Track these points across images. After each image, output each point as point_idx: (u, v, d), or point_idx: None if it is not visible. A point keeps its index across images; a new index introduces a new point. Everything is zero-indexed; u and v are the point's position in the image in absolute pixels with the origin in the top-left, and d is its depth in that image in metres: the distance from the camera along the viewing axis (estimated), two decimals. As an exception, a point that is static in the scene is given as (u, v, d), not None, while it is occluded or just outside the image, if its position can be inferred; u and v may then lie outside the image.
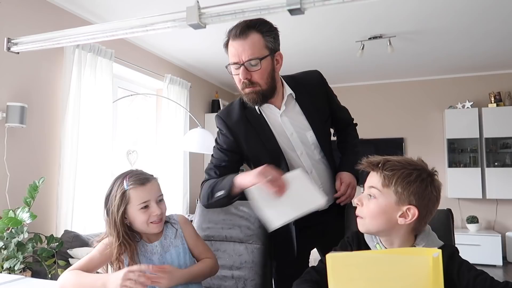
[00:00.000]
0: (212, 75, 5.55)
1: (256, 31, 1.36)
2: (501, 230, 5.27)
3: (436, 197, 1.01)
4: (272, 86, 1.43)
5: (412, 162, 1.02)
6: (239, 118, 1.51)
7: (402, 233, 1.02)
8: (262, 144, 1.47)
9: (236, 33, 1.36)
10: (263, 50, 1.37)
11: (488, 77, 5.43)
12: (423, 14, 3.49)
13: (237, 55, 1.36)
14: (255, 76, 1.37)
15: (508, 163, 5.21)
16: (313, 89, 1.54)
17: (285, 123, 1.48)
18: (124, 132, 4.32)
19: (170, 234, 1.34)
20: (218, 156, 1.55)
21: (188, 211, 4.76)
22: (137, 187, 1.25)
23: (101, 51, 3.44)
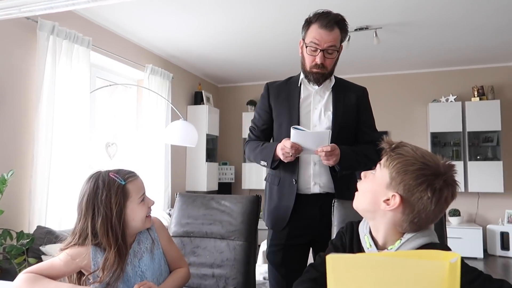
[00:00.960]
0: (195, 66, 5.42)
1: (338, 27, 1.61)
2: (482, 223, 5.33)
3: (430, 199, 0.90)
4: (332, 72, 1.71)
5: (428, 156, 0.94)
6: (281, 84, 1.80)
7: (386, 223, 0.97)
8: (287, 108, 1.70)
9: (325, 24, 1.58)
10: (338, 43, 1.63)
11: (471, 71, 5.46)
12: (410, 5, 3.44)
13: (320, 41, 1.59)
14: (327, 62, 1.63)
15: (490, 157, 5.26)
16: (351, 93, 1.74)
17: (315, 98, 1.72)
18: (103, 124, 4.16)
19: (144, 239, 1.24)
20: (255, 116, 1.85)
21: (169, 205, 4.65)
22: (134, 179, 1.20)
23: (78, 38, 3.29)
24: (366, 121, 1.76)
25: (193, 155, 5.46)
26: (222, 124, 6.25)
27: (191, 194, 1.59)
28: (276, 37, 4.17)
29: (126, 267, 1.15)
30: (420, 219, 0.93)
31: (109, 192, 1.15)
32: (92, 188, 1.16)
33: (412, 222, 0.94)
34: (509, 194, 5.18)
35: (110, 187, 1.15)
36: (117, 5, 3.40)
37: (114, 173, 1.19)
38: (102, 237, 1.13)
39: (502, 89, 5.34)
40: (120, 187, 1.16)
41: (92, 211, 1.15)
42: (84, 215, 1.16)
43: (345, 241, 1.11)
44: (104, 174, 1.19)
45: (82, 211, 1.17)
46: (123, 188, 1.16)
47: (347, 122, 1.69)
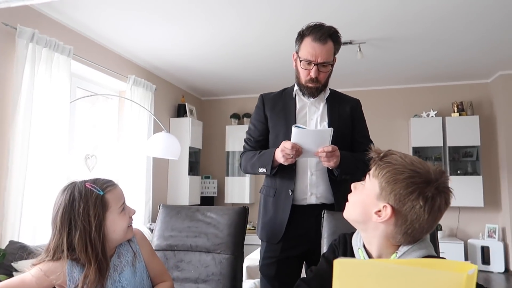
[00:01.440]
0: (179, 78, 5.37)
1: (331, 40, 1.60)
2: (463, 237, 5.38)
3: (422, 208, 0.86)
4: (326, 84, 1.71)
5: (417, 163, 0.90)
6: (276, 96, 1.80)
7: (379, 235, 0.93)
8: (283, 119, 1.70)
9: (319, 37, 1.57)
10: (331, 57, 1.62)
11: (451, 87, 5.58)
12: (393, 21, 3.50)
13: (314, 55, 1.59)
14: (321, 75, 1.63)
15: (470, 172, 5.34)
16: (345, 104, 1.76)
17: (311, 109, 1.73)
18: (83, 136, 4.05)
19: (124, 252, 1.17)
20: (250, 127, 1.82)
21: (150, 219, 4.52)
22: (113, 189, 1.14)
23: (59, 46, 3.20)
24: (361, 131, 1.77)
25: (175, 168, 5.37)
26: (205, 137, 6.18)
27: (175, 206, 1.52)
28: (262, 50, 4.17)
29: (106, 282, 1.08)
30: (414, 230, 0.89)
31: (86, 204, 1.07)
32: (68, 200, 1.09)
33: (406, 234, 0.90)
34: (488, 208, 5.26)
35: (87, 198, 1.08)
36: (100, 14, 3.34)
37: (90, 183, 1.12)
38: (81, 252, 1.06)
39: (481, 105, 5.47)
40: (98, 197, 1.09)
41: (68, 225, 1.07)
42: (59, 230, 1.08)
43: (337, 254, 1.07)
44: (80, 184, 1.12)
45: (57, 226, 1.09)
46: (101, 199, 1.09)
47: (343, 132, 1.69)
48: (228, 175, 6.05)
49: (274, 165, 1.61)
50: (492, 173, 5.30)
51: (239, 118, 6.17)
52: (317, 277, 1.03)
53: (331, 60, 1.61)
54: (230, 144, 6.04)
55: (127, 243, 1.19)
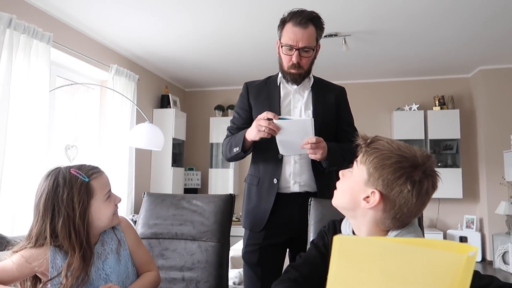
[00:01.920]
0: (162, 68, 5.29)
1: (313, 24, 1.57)
2: (443, 228, 5.50)
3: (410, 192, 0.86)
4: (310, 70, 1.68)
5: (404, 148, 0.90)
6: (260, 84, 1.78)
7: (368, 221, 0.93)
8: (267, 107, 1.64)
9: (299, 21, 1.55)
10: (313, 42, 1.59)
11: (433, 82, 5.67)
12: (378, 14, 3.51)
13: (295, 40, 1.56)
14: (303, 61, 1.60)
15: (450, 164, 5.45)
16: (330, 92, 1.73)
17: (295, 97, 1.70)
18: (64, 126, 3.95)
19: (108, 239, 1.15)
20: (234, 115, 1.79)
21: (132, 211, 4.46)
22: (98, 176, 1.11)
23: (38, 33, 3.10)
24: (346, 120, 1.75)
25: (158, 159, 5.31)
26: (189, 128, 6.13)
27: (159, 194, 1.49)
28: (246, 41, 4.13)
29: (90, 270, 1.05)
30: (403, 214, 0.89)
31: (71, 190, 1.04)
32: (52, 186, 1.05)
33: (394, 218, 0.90)
34: (467, 200, 5.39)
35: (72, 184, 1.05)
36: (82, 1, 3.25)
37: (75, 169, 1.09)
38: (64, 239, 1.03)
39: (461, 99, 5.57)
40: (83, 184, 1.06)
41: (51, 211, 1.04)
42: (42, 216, 1.05)
43: (327, 240, 1.06)
44: (64, 170, 1.08)
45: (39, 212, 1.05)
46: (86, 185, 1.06)
47: (327, 120, 1.67)
48: (212, 167, 6.02)
49: (246, 143, 1.58)
50: (471, 166, 5.43)
51: (223, 110, 6.13)
52: (307, 263, 1.03)
53: (313, 45, 1.59)
54: (214, 136, 6.00)
55: (112, 230, 1.16)
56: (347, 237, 0.59)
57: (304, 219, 1.49)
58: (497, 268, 4.77)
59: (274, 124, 1.42)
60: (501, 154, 4.86)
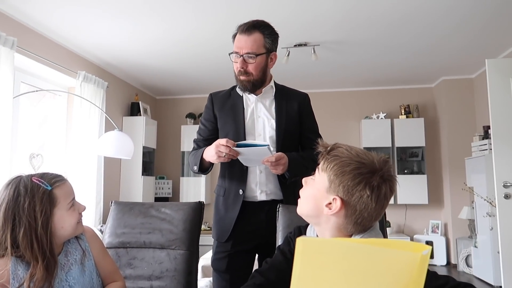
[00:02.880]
0: (132, 75, 5.22)
1: (259, 32, 1.60)
2: (410, 233, 5.66)
3: (370, 198, 0.89)
4: (262, 79, 1.67)
5: (362, 155, 0.93)
6: (224, 95, 1.78)
7: (331, 227, 0.96)
8: (232, 118, 1.68)
9: (243, 29, 1.59)
10: (260, 49, 1.60)
11: (399, 91, 5.87)
12: (346, 25, 3.62)
13: (239, 47, 1.59)
14: (250, 67, 1.61)
15: (416, 171, 5.64)
16: (292, 100, 1.73)
17: (258, 107, 1.71)
18: (28, 134, 3.82)
19: (72, 250, 1.12)
20: (201, 127, 1.80)
21: (101, 221, 4.35)
22: (61, 184, 1.08)
23: (1, 37, 3.01)
24: (310, 127, 1.76)
25: (128, 168, 5.21)
26: (160, 137, 6.06)
27: (127, 202, 1.47)
28: (218, 49, 4.15)
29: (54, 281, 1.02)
30: (364, 219, 0.92)
31: (32, 199, 1.02)
32: (12, 196, 1.02)
33: (356, 223, 0.93)
34: (432, 205, 5.58)
35: (34, 193, 1.03)
36: (47, 5, 3.18)
37: (37, 178, 1.06)
38: (26, 250, 1.00)
39: (426, 108, 5.79)
40: (46, 193, 1.04)
41: (12, 221, 1.01)
42: (2, 227, 1.01)
43: (293, 246, 1.08)
44: (26, 179, 1.05)
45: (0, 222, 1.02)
46: (49, 194, 1.04)
47: (291, 129, 1.68)
48: (183, 175, 5.96)
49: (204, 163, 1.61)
50: (436, 172, 5.63)
51: (195, 117, 6.11)
52: (273, 268, 1.04)
53: (258, 51, 1.59)
54: (186, 144, 5.95)
55: (76, 240, 1.14)
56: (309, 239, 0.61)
57: (272, 224, 1.50)
58: (461, 271, 4.94)
59: (233, 151, 1.45)
60: (463, 160, 5.08)
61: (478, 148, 4.67)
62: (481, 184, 4.41)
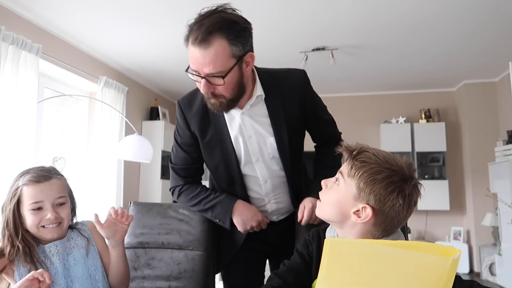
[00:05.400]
0: (152, 81, 5.31)
1: (220, 37, 1.11)
2: (431, 240, 5.54)
3: (401, 206, 0.88)
4: (239, 94, 1.24)
5: (391, 160, 0.90)
6: (199, 110, 1.33)
7: (356, 232, 0.93)
8: (217, 143, 1.33)
9: (196, 39, 1.11)
10: (228, 62, 1.13)
11: (419, 95, 5.78)
12: (365, 29, 3.59)
13: (197, 65, 1.14)
14: (219, 89, 1.17)
15: (437, 176, 5.53)
16: (289, 92, 1.32)
17: (245, 124, 1.31)
18: (52, 138, 3.92)
19: (75, 236, 1.19)
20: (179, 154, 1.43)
21: (121, 224, 4.41)
22: (31, 184, 1.11)
23: (26, 44, 3.10)
24: (321, 119, 1.45)
25: (147, 171, 5.28)
26: (178, 141, 6.11)
27: (146, 203, 1.50)
28: (235, 54, 4.18)
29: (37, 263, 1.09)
30: (393, 226, 0.91)
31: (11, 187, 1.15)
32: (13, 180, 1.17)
33: (384, 230, 0.92)
34: (454, 212, 5.45)
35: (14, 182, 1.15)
36: (72, 13, 3.27)
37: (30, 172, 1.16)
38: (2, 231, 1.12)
39: (447, 112, 5.68)
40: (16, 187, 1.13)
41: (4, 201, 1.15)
42: None
43: (311, 249, 1.06)
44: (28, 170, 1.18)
45: None
46: (17, 190, 1.13)
47: (295, 141, 1.37)
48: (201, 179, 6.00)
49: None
50: (457, 178, 5.51)
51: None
52: (291, 271, 1.03)
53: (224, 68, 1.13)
54: (204, 148, 5.99)
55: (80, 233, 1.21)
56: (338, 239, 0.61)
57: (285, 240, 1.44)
58: (484, 279, 4.80)
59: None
60: (486, 166, 4.95)
61: (502, 153, 4.55)
62: (506, 191, 4.29)
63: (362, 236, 0.93)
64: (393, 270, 0.55)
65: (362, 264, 0.57)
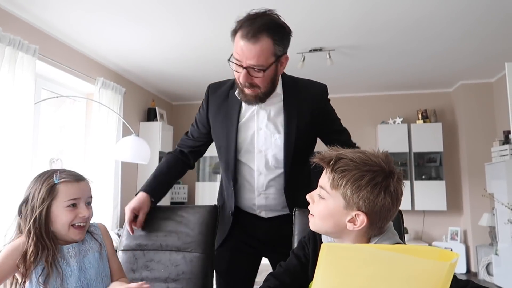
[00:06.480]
0: (149, 82, 5.30)
1: (268, 36, 1.26)
2: (428, 240, 5.56)
3: (391, 203, 0.89)
4: (271, 89, 1.38)
5: (368, 161, 0.90)
6: (221, 94, 1.50)
7: (353, 237, 0.94)
8: (225, 132, 1.45)
9: (247, 34, 1.25)
10: (269, 59, 1.28)
11: (416, 96, 5.80)
12: (362, 29, 3.60)
13: (242, 56, 1.28)
14: (256, 81, 1.31)
15: (434, 177, 5.55)
16: (306, 99, 1.44)
17: (259, 116, 1.43)
18: (49, 139, 3.91)
19: (89, 239, 1.22)
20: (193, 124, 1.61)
21: (118, 225, 4.41)
22: (69, 182, 1.17)
23: (23, 45, 3.09)
24: (333, 128, 1.52)
25: (144, 173, 5.26)
26: (175, 142, 6.11)
27: (144, 205, 1.49)
28: (233, 55, 4.17)
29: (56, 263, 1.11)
30: (386, 221, 0.93)
31: (40, 186, 1.15)
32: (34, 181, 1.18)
33: (380, 228, 0.94)
34: (451, 212, 5.47)
35: (43, 182, 1.15)
36: (67, 13, 3.26)
37: (60, 171, 1.19)
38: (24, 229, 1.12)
39: (444, 113, 5.70)
40: (50, 184, 1.15)
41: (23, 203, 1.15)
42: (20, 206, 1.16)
43: (307, 251, 1.07)
44: (53, 170, 1.20)
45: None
46: (53, 187, 1.14)
47: (302, 145, 1.43)
48: (199, 180, 6.00)
49: None
50: (454, 178, 5.52)
51: (210, 123, 6.14)
52: (287, 272, 1.04)
53: (267, 63, 1.27)
54: (201, 149, 5.99)
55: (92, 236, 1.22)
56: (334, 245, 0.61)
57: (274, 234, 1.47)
58: (482, 279, 4.82)
59: None
60: (483, 166, 4.97)
61: (498, 154, 4.57)
62: (502, 191, 4.31)
63: (359, 238, 0.94)
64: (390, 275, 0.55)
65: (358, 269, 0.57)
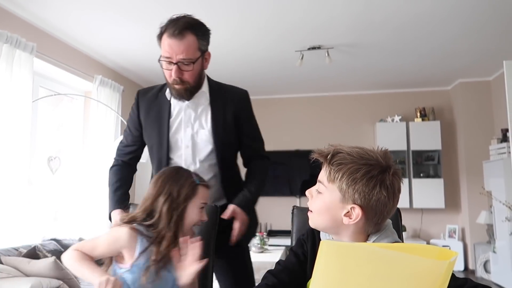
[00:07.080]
0: (148, 80, 5.28)
1: (192, 33, 1.42)
2: (426, 237, 5.58)
3: (386, 197, 0.89)
4: (199, 83, 1.52)
5: (365, 155, 0.91)
6: (151, 97, 1.60)
7: (351, 233, 0.95)
8: (156, 130, 1.55)
9: (173, 32, 1.40)
10: (196, 52, 1.43)
11: (414, 94, 5.80)
12: (360, 27, 3.60)
13: (172, 53, 1.41)
14: (186, 75, 1.44)
15: (432, 175, 5.56)
16: (228, 103, 1.57)
17: (186, 113, 1.55)
18: (47, 137, 3.90)
19: None
20: (126, 130, 1.66)
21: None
22: (205, 185, 1.31)
23: (21, 43, 3.08)
24: (247, 132, 1.63)
25: (143, 171, 5.21)
26: (174, 140, 6.10)
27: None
28: (230, 53, 4.17)
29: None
30: (383, 217, 0.93)
31: (185, 182, 1.26)
32: (169, 173, 1.28)
33: (377, 224, 0.93)
34: (449, 210, 5.49)
35: (186, 178, 1.28)
36: (65, 11, 3.24)
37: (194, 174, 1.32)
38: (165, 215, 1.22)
39: (442, 111, 5.71)
40: (193, 183, 1.27)
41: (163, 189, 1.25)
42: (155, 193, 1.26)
43: (306, 249, 1.08)
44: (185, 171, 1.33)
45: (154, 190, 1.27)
46: (195, 186, 1.27)
47: (230, 139, 1.57)
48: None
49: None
50: (452, 176, 5.54)
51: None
52: (286, 270, 1.04)
53: (194, 56, 1.42)
54: (200, 147, 5.97)
55: None
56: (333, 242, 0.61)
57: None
58: (479, 277, 4.84)
59: None
60: (481, 164, 4.98)
61: (496, 152, 4.58)
62: (500, 188, 4.32)
63: (356, 235, 0.95)
64: (389, 273, 0.55)
65: (357, 267, 0.57)
